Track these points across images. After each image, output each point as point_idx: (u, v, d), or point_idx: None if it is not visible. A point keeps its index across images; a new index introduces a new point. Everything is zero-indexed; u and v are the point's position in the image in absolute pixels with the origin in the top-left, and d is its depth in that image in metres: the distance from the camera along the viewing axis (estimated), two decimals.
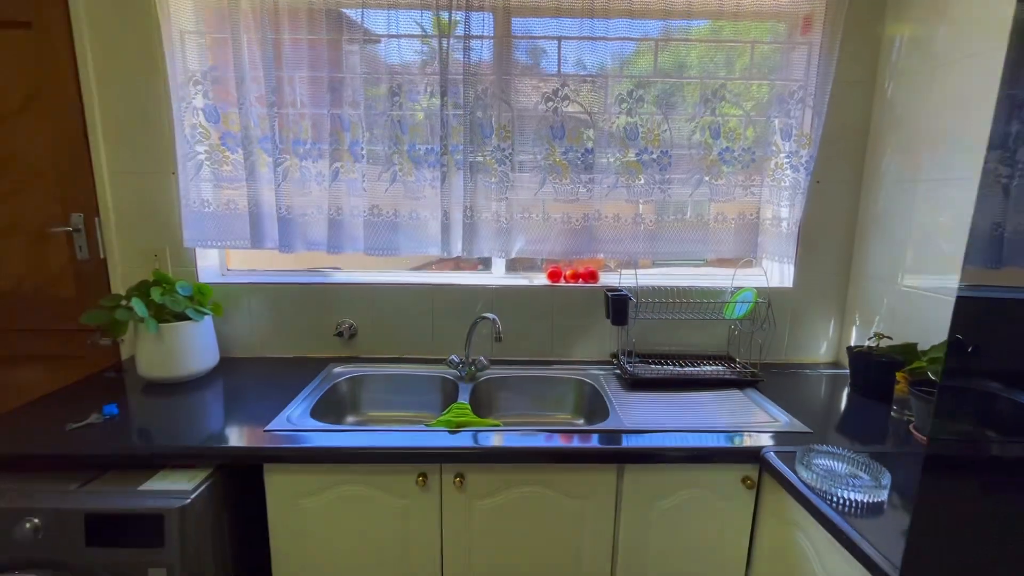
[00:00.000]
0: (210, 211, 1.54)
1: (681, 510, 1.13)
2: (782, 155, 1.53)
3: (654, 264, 1.78)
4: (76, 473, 1.03)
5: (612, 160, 1.54)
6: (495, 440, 1.12)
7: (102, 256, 1.58)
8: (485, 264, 1.77)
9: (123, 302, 1.34)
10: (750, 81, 1.52)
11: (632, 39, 1.50)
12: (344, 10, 1.46)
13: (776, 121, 1.53)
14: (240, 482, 1.12)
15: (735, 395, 1.40)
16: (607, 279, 1.68)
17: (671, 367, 1.55)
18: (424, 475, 1.10)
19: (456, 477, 1.10)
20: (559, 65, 1.51)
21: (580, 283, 1.67)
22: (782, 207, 1.56)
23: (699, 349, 1.65)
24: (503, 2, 1.46)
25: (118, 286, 1.57)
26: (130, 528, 0.96)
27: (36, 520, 0.94)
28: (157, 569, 0.95)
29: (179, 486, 1.00)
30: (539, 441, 1.13)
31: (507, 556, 1.15)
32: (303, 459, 1.08)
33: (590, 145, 1.53)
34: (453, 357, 1.52)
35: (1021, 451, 0.55)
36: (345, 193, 1.53)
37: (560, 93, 1.49)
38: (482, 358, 1.54)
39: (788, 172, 1.53)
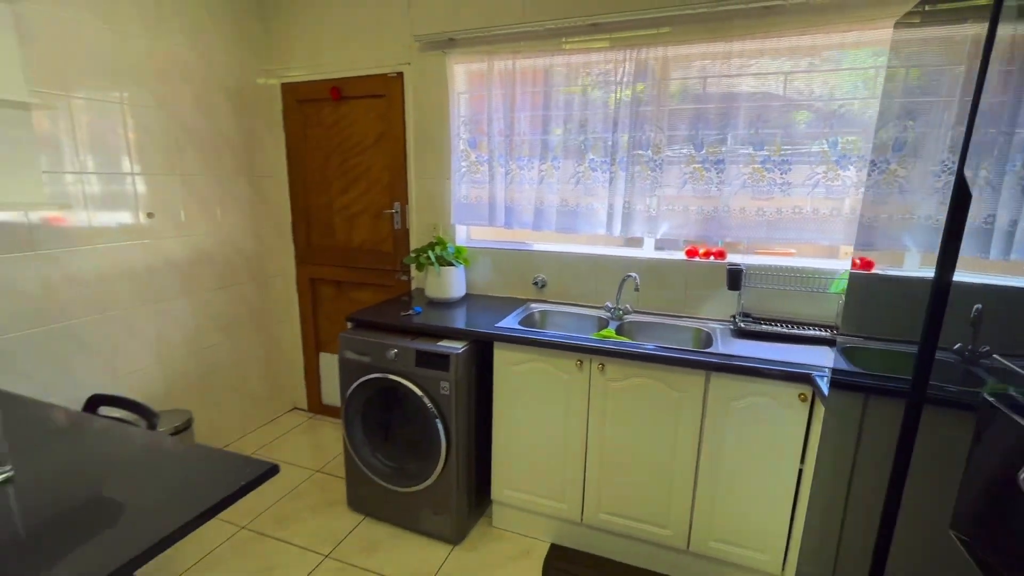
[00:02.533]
0: (466, 202, 2.51)
1: (750, 410, 1.67)
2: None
3: (777, 249, 2.20)
4: (409, 335, 2.05)
5: (742, 167, 2.05)
6: (626, 347, 1.81)
7: (407, 227, 2.69)
8: (639, 243, 2.42)
9: (421, 254, 2.38)
10: (867, 100, 1.86)
11: (765, 74, 1.97)
12: (555, 68, 2.25)
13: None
14: (481, 350, 2.02)
15: (820, 349, 1.82)
16: (733, 258, 2.18)
17: (776, 327, 2.01)
18: (580, 361, 1.85)
19: (599, 365, 1.82)
20: (703, 94, 2.06)
21: (712, 259, 2.21)
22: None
23: (809, 318, 2.05)
24: (663, 52, 2.08)
25: (414, 245, 2.66)
26: (433, 360, 1.91)
27: (395, 351, 1.96)
28: (445, 382, 1.89)
29: (455, 346, 1.93)
30: (652, 349, 1.78)
31: (628, 423, 1.83)
32: (514, 342, 1.93)
33: (722, 156, 2.06)
34: (608, 303, 2.24)
35: None
36: (546, 191, 2.34)
37: (701, 117, 2.06)
38: (628, 306, 2.22)
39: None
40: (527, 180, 2.38)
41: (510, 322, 2.11)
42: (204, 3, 2.45)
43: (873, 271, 1.31)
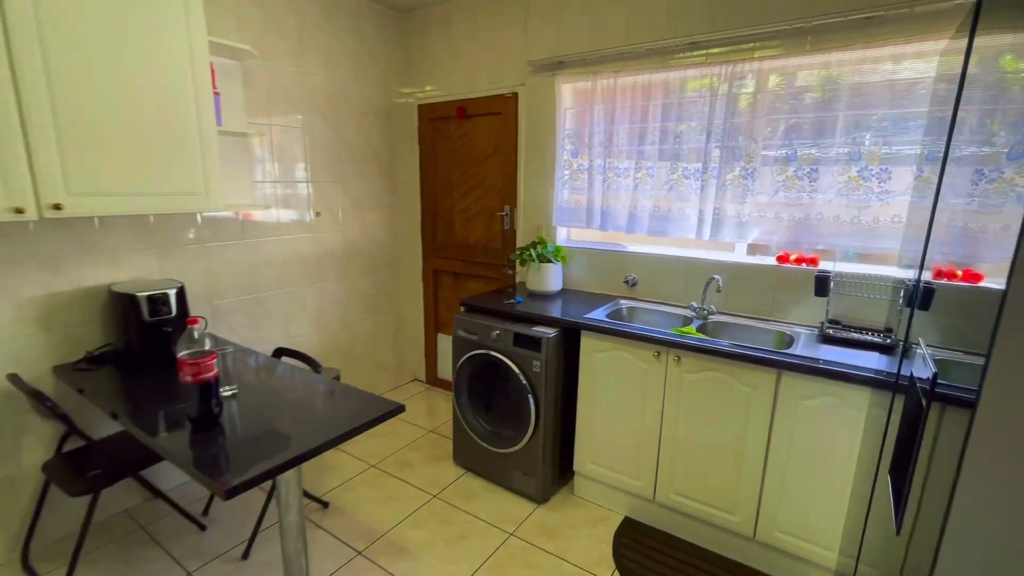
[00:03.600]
0: (566, 207, 2.80)
1: (821, 410, 1.74)
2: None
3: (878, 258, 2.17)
4: (510, 319, 2.40)
5: (837, 176, 2.07)
6: (700, 342, 1.97)
7: (514, 228, 3.05)
8: (730, 247, 2.52)
9: (524, 251, 2.72)
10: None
11: (865, 83, 1.98)
12: (654, 84, 2.44)
13: None
14: (570, 337, 2.30)
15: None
16: (825, 266, 2.20)
17: (865, 335, 2.01)
18: (658, 352, 2.05)
19: (675, 357, 2.01)
20: (799, 104, 2.12)
21: (803, 266, 2.25)
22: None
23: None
24: (759, 65, 2.18)
25: (520, 244, 3.02)
26: (528, 342, 2.24)
27: (497, 332, 2.32)
28: (537, 361, 2.21)
29: (547, 331, 2.24)
30: (726, 345, 1.92)
31: (700, 412, 1.99)
32: (598, 331, 2.18)
33: (816, 164, 2.10)
34: (693, 303, 2.38)
35: None
36: (640, 197, 2.55)
37: (796, 127, 2.12)
38: (712, 306, 2.35)
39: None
40: (623, 187, 2.60)
41: (598, 314, 2.36)
42: (363, 43, 3.03)
43: (982, 283, 1.25)
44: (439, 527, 2.19)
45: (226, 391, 1.71)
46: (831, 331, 2.05)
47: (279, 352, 2.30)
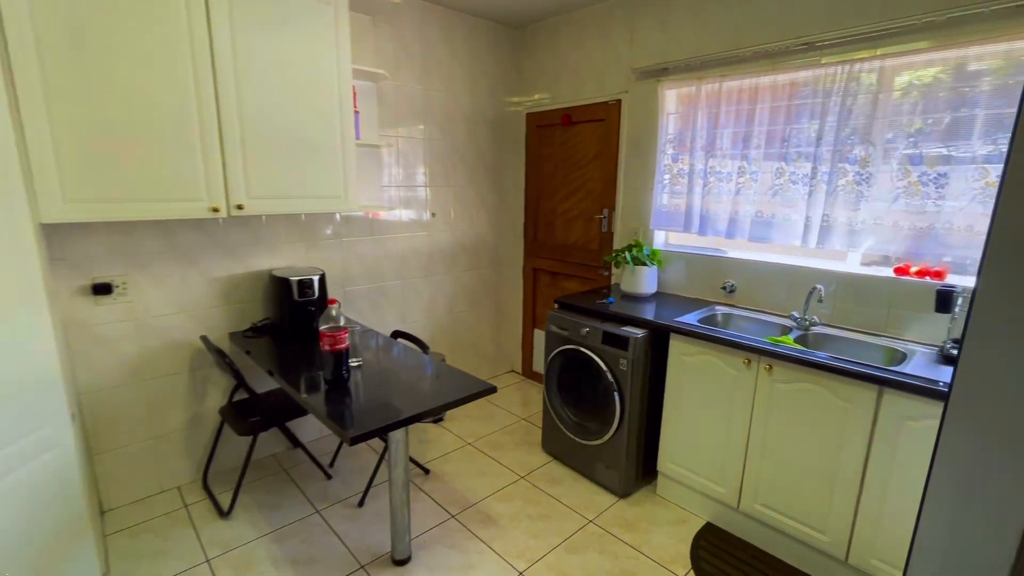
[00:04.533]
0: (664, 210, 2.83)
1: (929, 433, 1.63)
2: None
3: None
4: (600, 318, 2.51)
5: (972, 182, 1.89)
6: (795, 352, 1.92)
7: (612, 231, 3.14)
8: (841, 256, 2.37)
9: (619, 254, 2.80)
10: None
11: (1013, 83, 1.78)
12: (761, 87, 2.39)
13: None
14: (659, 339, 2.36)
15: None
16: (953, 280, 2.00)
17: None
18: (748, 360, 2.03)
19: (767, 366, 1.98)
20: (926, 104, 1.96)
21: (926, 279, 2.07)
22: None
23: None
24: (880, 64, 2.05)
25: (616, 246, 3.10)
26: (616, 340, 2.33)
27: (587, 329, 2.45)
28: (624, 359, 2.30)
29: (636, 332, 2.31)
30: (822, 357, 1.85)
31: (791, 424, 1.94)
32: (686, 335, 2.21)
33: (945, 170, 1.93)
34: (794, 313, 2.30)
35: None
36: (741, 202, 2.50)
37: (922, 130, 1.96)
38: (815, 317, 2.25)
39: None
40: (724, 191, 2.57)
41: (689, 318, 2.37)
42: (478, 59, 3.32)
43: None
44: (524, 505, 2.38)
45: (353, 362, 2.06)
46: (955, 351, 1.87)
47: (396, 334, 2.65)
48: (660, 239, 2.98)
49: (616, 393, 2.35)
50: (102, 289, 2.14)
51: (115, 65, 1.80)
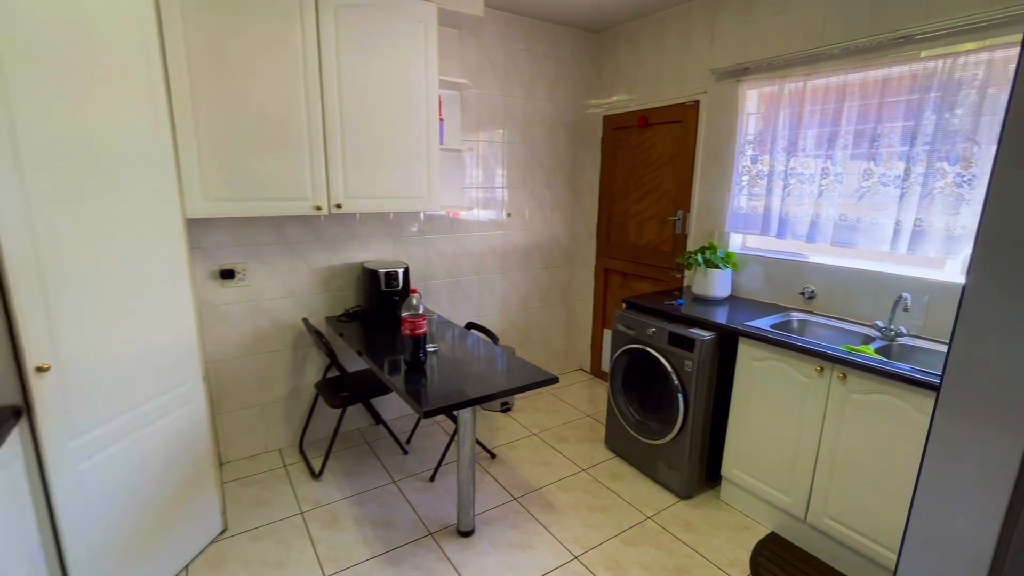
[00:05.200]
0: (741, 213, 2.77)
1: None
2: None
3: None
4: (668, 319, 2.52)
5: None
6: (873, 362, 1.84)
7: (686, 232, 3.12)
8: (939, 264, 2.21)
9: (691, 255, 2.79)
10: None
11: None
12: (849, 85, 2.29)
13: None
14: (728, 342, 2.33)
15: None
16: None
17: None
18: (821, 368, 1.97)
19: (840, 375, 1.91)
20: None
21: None
22: None
23: None
24: (988, 56, 1.90)
25: (690, 248, 3.08)
26: (682, 341, 2.34)
27: (653, 329, 2.48)
28: (690, 361, 2.31)
29: (703, 334, 2.31)
30: (903, 369, 1.76)
31: (865, 436, 1.86)
32: (757, 339, 2.17)
33: None
34: (878, 322, 2.17)
35: None
36: (824, 205, 2.40)
37: None
38: (902, 328, 2.11)
39: None
40: (806, 193, 2.48)
41: (761, 323, 2.32)
42: (558, 64, 3.43)
43: None
44: (584, 495, 2.46)
45: (430, 347, 2.26)
46: None
47: (469, 325, 2.84)
48: (736, 242, 2.92)
49: (680, 395, 2.36)
50: (227, 274, 2.52)
51: (243, 84, 2.13)
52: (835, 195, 2.37)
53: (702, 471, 2.47)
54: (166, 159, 1.78)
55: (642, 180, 3.39)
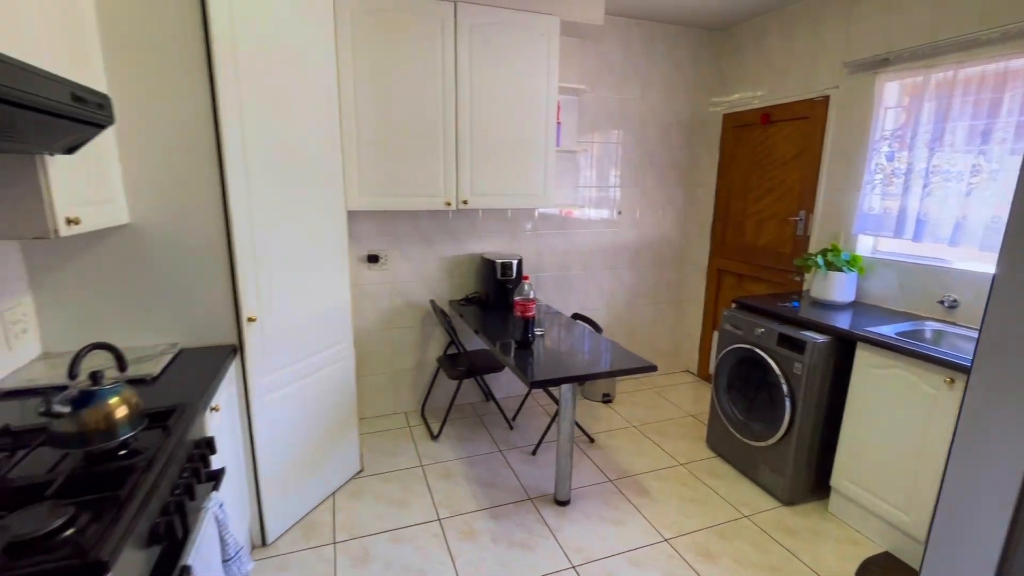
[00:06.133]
0: (870, 213, 2.60)
1: None
2: None
3: None
4: (778, 320, 2.47)
5: None
6: None
7: (807, 234, 2.98)
8: None
9: (810, 257, 2.68)
10: None
11: None
12: (1012, 72, 2.06)
13: None
14: (845, 347, 2.23)
15: None
16: None
17: None
18: (952, 379, 1.83)
19: None
20: None
21: None
22: None
23: None
24: None
25: (812, 249, 2.94)
26: (791, 343, 2.29)
27: (762, 330, 2.44)
28: (799, 363, 2.25)
29: (816, 336, 2.23)
30: None
31: None
32: (878, 345, 2.06)
33: None
34: None
35: None
36: (973, 205, 2.18)
37: None
38: None
39: None
40: (951, 192, 2.27)
41: (886, 330, 2.19)
42: (676, 65, 3.46)
43: None
44: (679, 487, 2.51)
45: (538, 330, 2.48)
46: None
47: (575, 316, 3.02)
48: (866, 245, 2.73)
49: (787, 398, 2.31)
50: (372, 259, 2.99)
51: (392, 99, 2.53)
52: (988, 194, 2.14)
53: (809, 479, 2.38)
54: (337, 162, 2.21)
55: (762, 179, 3.29)
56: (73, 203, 1.31)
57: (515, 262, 2.97)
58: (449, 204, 2.74)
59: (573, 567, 1.98)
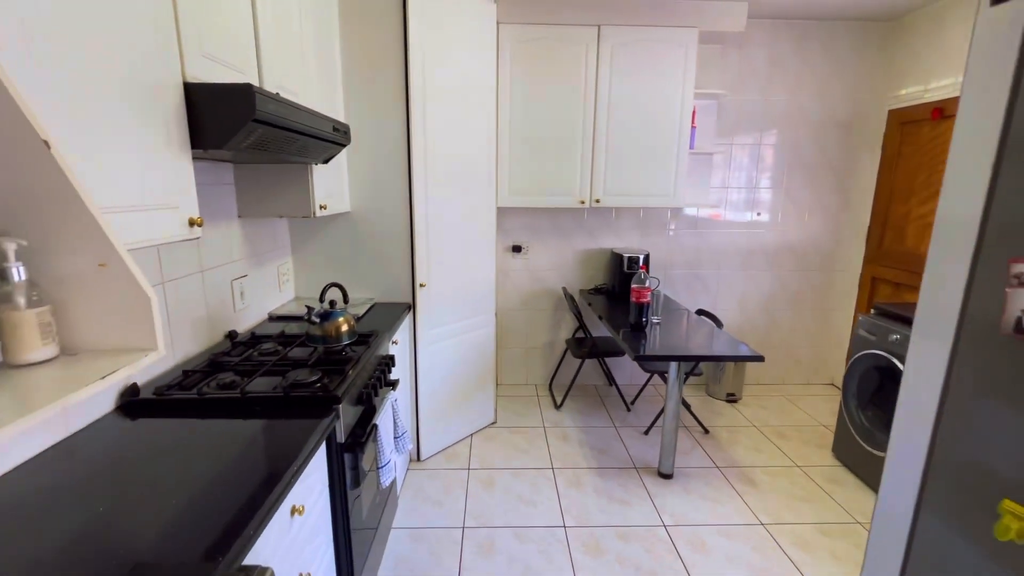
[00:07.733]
0: None
1: None
2: None
3: None
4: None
5: None
6: None
7: None
8: None
9: None
10: None
11: None
12: None
13: None
14: None
15: None
16: None
17: None
18: None
19: None
20: None
21: None
22: None
23: None
24: None
25: None
26: None
27: (897, 336, 2.33)
28: None
29: None
30: None
31: None
32: None
33: None
34: None
35: None
36: None
37: None
38: None
39: None
40: None
41: None
42: (832, 62, 3.33)
43: None
44: (789, 485, 2.52)
45: (654, 319, 2.72)
46: None
47: (698, 311, 3.15)
48: None
49: None
50: (516, 248, 3.50)
51: (538, 109, 2.99)
52: None
53: None
54: (491, 167, 2.75)
55: (929, 180, 3.01)
56: (324, 195, 2.01)
57: (642, 256, 3.22)
58: (583, 202, 3.12)
59: (664, 525, 2.20)
